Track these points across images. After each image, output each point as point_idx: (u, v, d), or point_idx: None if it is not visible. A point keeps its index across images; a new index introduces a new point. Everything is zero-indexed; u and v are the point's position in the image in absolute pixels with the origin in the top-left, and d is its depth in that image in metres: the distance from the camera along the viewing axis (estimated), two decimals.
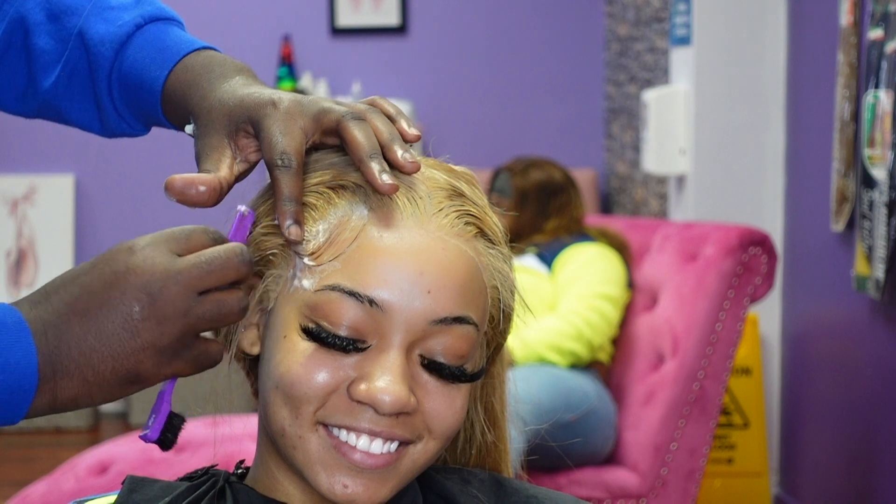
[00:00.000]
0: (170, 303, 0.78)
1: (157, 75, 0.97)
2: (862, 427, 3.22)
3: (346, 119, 0.86)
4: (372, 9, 5.40)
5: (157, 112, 0.98)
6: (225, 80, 0.93)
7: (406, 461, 0.86)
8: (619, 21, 5.18)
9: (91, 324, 0.77)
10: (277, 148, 0.85)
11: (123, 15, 1.00)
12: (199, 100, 0.93)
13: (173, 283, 0.78)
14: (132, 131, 1.03)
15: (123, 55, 0.99)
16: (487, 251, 0.90)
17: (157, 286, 0.78)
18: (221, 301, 0.80)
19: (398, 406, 0.83)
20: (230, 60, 0.96)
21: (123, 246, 0.79)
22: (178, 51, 0.97)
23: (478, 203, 0.90)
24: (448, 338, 0.86)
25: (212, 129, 0.90)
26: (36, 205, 5.30)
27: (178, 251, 0.80)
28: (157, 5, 1.02)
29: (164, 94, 0.97)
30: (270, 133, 0.86)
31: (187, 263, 0.79)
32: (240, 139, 0.89)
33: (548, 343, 3.08)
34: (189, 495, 0.89)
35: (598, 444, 3.06)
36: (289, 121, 0.87)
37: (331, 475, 0.84)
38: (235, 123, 0.89)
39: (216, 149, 0.89)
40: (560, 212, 3.39)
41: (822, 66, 3.45)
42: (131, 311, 0.77)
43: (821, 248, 3.47)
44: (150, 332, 0.78)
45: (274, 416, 0.86)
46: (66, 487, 2.72)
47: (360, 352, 0.84)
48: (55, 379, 0.77)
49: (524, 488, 0.95)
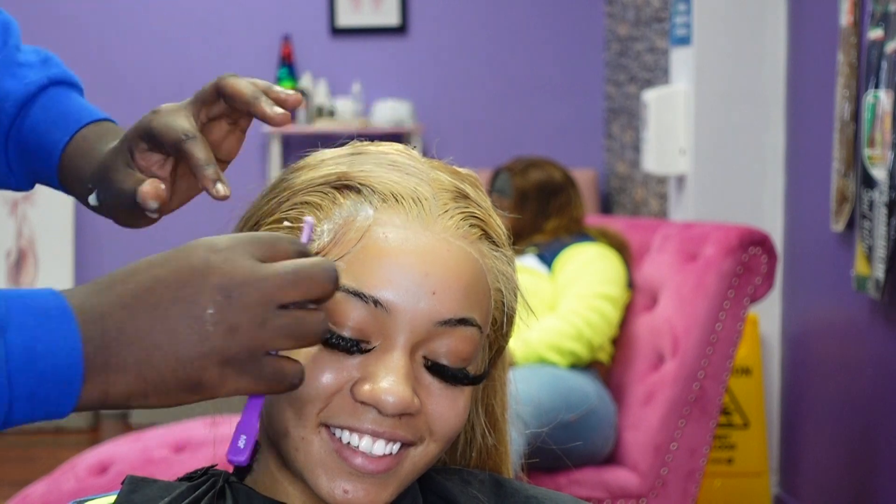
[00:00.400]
0: (246, 310, 0.72)
1: (57, 139, 0.99)
2: (862, 427, 3.22)
3: (222, 78, 0.91)
4: (372, 9, 5.40)
5: (51, 174, 1.00)
6: (112, 142, 0.96)
7: (407, 464, 0.86)
8: (619, 21, 5.18)
9: (158, 319, 0.72)
10: (176, 129, 0.89)
11: (30, 73, 1.02)
12: (91, 167, 0.95)
13: (254, 290, 0.72)
14: (18, 186, 1.05)
15: (25, 113, 1.01)
16: (492, 253, 0.90)
17: (235, 290, 0.72)
18: (301, 319, 0.74)
19: (402, 407, 0.83)
20: (122, 130, 0.99)
21: (203, 242, 0.74)
22: (78, 119, 1.00)
23: (482, 205, 0.91)
24: (452, 339, 0.86)
25: (112, 173, 0.92)
26: (36, 205, 5.30)
27: (261, 257, 0.74)
28: (62, 69, 1.04)
29: (61, 160, 0.98)
30: (163, 126, 0.89)
31: (272, 271, 0.73)
32: (138, 161, 0.92)
33: (548, 343, 3.08)
34: (189, 495, 0.89)
35: (598, 444, 3.06)
36: (173, 112, 0.91)
37: (331, 479, 0.84)
38: (128, 149, 0.92)
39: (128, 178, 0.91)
40: (560, 212, 3.39)
41: (822, 66, 3.45)
42: (203, 313, 0.72)
43: (821, 248, 3.47)
44: (220, 339, 0.72)
45: (277, 417, 0.86)
46: (66, 487, 2.72)
47: (364, 353, 0.84)
48: (108, 372, 0.72)
49: (524, 489, 0.95)
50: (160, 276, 0.73)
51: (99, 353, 0.72)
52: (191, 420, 2.90)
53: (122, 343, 0.72)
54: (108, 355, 0.72)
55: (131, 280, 0.73)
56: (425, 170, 0.90)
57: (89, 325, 0.72)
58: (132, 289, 0.73)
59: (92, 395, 0.72)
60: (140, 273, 0.73)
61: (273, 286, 0.73)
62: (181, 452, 2.76)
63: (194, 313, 0.72)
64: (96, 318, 0.72)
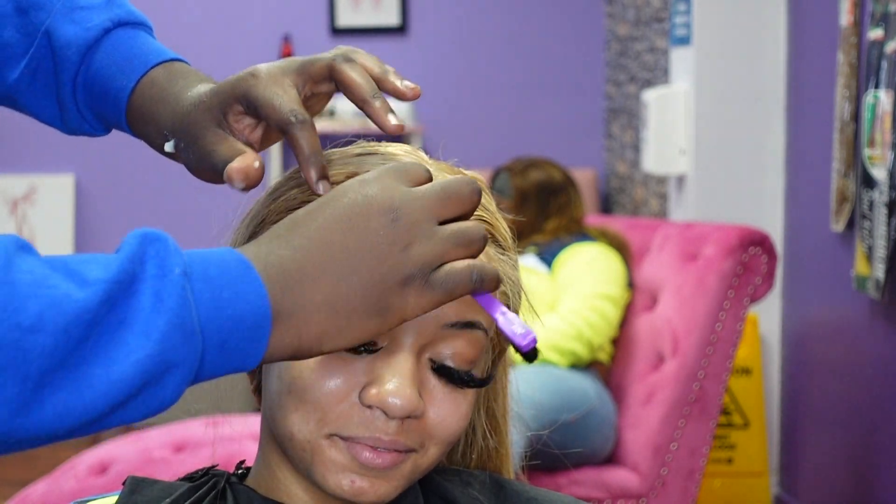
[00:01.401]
0: (413, 227, 0.75)
1: (122, 86, 0.95)
2: (862, 427, 3.22)
3: (337, 62, 0.87)
4: (372, 9, 5.40)
5: (121, 120, 0.96)
6: (189, 89, 0.92)
7: (409, 464, 0.86)
8: (619, 21, 5.18)
9: (336, 253, 0.73)
10: (285, 107, 0.84)
11: (93, 16, 0.98)
12: (171, 115, 0.91)
13: (415, 209, 0.75)
14: (93, 132, 1.01)
15: (90, 59, 0.97)
16: (499, 257, 0.90)
17: (399, 211, 0.75)
18: (464, 227, 0.77)
19: (408, 409, 0.83)
20: (194, 72, 0.95)
21: (353, 181, 0.77)
22: (145, 61, 0.95)
23: (489, 208, 0.91)
24: (458, 342, 0.86)
25: (199, 129, 0.88)
26: (36, 205, 5.30)
27: (407, 183, 0.77)
28: (127, 8, 1.00)
29: (130, 105, 0.95)
30: (268, 97, 0.85)
31: (424, 190, 0.77)
32: (231, 123, 0.88)
33: (548, 343, 3.08)
34: (190, 496, 0.89)
35: (598, 444, 3.06)
36: (278, 82, 0.86)
37: (339, 471, 0.84)
38: (220, 110, 0.88)
39: (218, 141, 0.87)
40: (560, 212, 3.39)
41: (822, 66, 3.45)
42: (377, 237, 0.74)
43: (821, 248, 3.47)
44: (397, 258, 0.74)
45: (284, 421, 0.85)
46: (66, 487, 2.72)
47: (371, 353, 0.84)
48: (299, 313, 0.72)
49: (525, 490, 0.95)
50: (325, 217, 0.75)
51: (286, 295, 0.72)
52: (191, 420, 2.90)
53: (307, 283, 0.73)
54: (294, 297, 0.72)
55: (296, 229, 0.75)
56: (433, 171, 0.90)
57: (270, 271, 0.72)
58: (301, 233, 0.74)
59: (284, 340, 0.73)
60: (302, 221, 0.75)
61: (430, 203, 0.76)
62: (181, 452, 2.76)
63: (368, 240, 0.74)
64: (274, 264, 0.73)
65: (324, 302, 0.73)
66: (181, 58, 0.98)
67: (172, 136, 0.91)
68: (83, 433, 0.68)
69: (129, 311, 0.67)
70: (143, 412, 0.69)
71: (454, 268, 0.76)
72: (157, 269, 0.68)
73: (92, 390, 0.66)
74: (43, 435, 0.66)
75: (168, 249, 0.69)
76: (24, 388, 0.64)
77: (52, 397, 0.65)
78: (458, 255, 0.76)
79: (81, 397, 0.66)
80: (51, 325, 0.65)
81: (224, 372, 0.72)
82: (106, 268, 0.67)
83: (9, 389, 0.64)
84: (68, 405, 0.66)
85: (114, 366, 0.66)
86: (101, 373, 0.66)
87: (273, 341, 0.72)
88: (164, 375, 0.68)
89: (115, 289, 0.67)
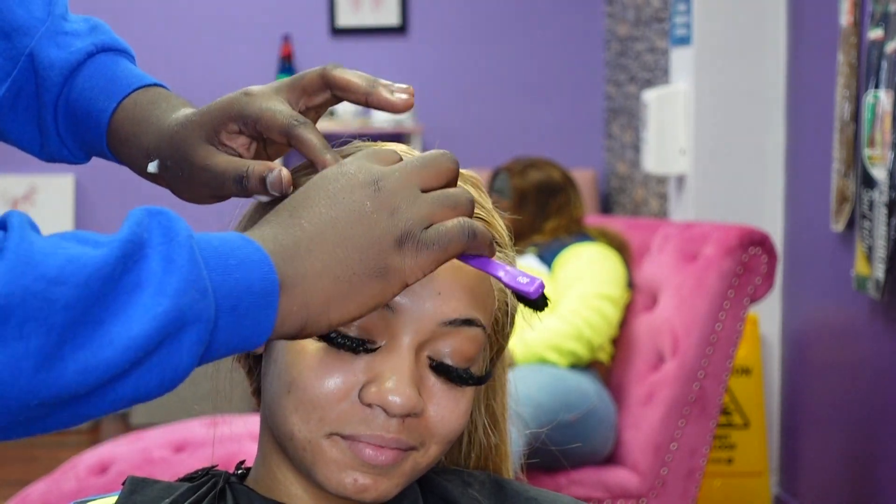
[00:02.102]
0: (397, 192, 0.77)
1: (103, 107, 0.96)
2: (862, 427, 3.22)
3: (328, 69, 0.89)
4: (372, 9, 5.40)
5: (101, 143, 0.97)
6: (173, 112, 0.93)
7: (409, 462, 0.86)
8: (619, 21, 5.18)
9: (327, 224, 0.76)
10: (284, 115, 0.86)
11: (76, 42, 0.99)
12: (156, 134, 0.92)
13: (395, 177, 0.78)
14: (73, 159, 1.02)
15: (72, 83, 0.98)
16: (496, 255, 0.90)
17: (380, 181, 0.77)
18: (448, 191, 0.79)
19: (408, 408, 0.83)
20: (175, 96, 0.96)
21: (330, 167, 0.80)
22: (126, 84, 0.96)
23: (486, 207, 0.91)
24: (456, 340, 0.86)
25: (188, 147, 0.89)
26: (36, 205, 5.30)
27: (381, 164, 0.80)
28: (111, 35, 1.01)
29: (111, 127, 0.96)
30: (265, 110, 0.86)
31: (402, 162, 0.80)
32: (223, 142, 0.89)
33: (548, 343, 3.08)
34: (190, 496, 0.89)
35: (598, 444, 3.06)
36: (271, 98, 0.88)
37: (341, 470, 0.85)
38: (212, 128, 0.88)
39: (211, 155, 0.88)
40: (559, 212, 3.39)
41: (822, 66, 3.46)
42: (363, 206, 0.76)
43: (821, 248, 3.47)
44: (386, 221, 0.76)
45: (285, 421, 0.85)
46: (66, 487, 2.72)
47: (370, 352, 0.84)
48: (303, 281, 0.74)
49: (524, 490, 0.95)
50: (309, 198, 0.77)
51: (287, 265, 0.74)
52: (191, 420, 2.90)
53: (303, 254, 0.75)
54: (295, 266, 0.74)
55: (283, 212, 0.77)
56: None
57: (267, 245, 0.74)
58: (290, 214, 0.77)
59: (292, 308, 0.74)
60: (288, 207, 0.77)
61: (409, 172, 0.78)
62: (181, 452, 2.76)
63: (356, 208, 0.76)
64: (269, 239, 0.75)
65: (324, 268, 0.75)
66: (163, 84, 0.98)
67: (157, 156, 0.92)
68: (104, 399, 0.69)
69: (142, 275, 0.69)
70: (160, 375, 0.69)
71: (445, 225, 0.78)
72: (163, 236, 0.70)
73: (111, 347, 0.67)
74: (65, 394, 0.66)
75: (171, 218, 0.72)
76: (48, 341, 0.65)
77: (74, 354, 0.66)
78: (446, 215, 0.78)
79: (102, 353, 0.67)
80: (73, 278, 0.66)
81: (238, 341, 0.72)
82: (115, 235, 0.70)
83: (33, 341, 0.65)
84: (89, 362, 0.66)
85: (131, 322, 0.68)
86: (120, 330, 0.67)
87: (281, 310, 0.74)
88: (182, 331, 0.69)
89: (129, 248, 0.69)
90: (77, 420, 0.69)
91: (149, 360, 0.68)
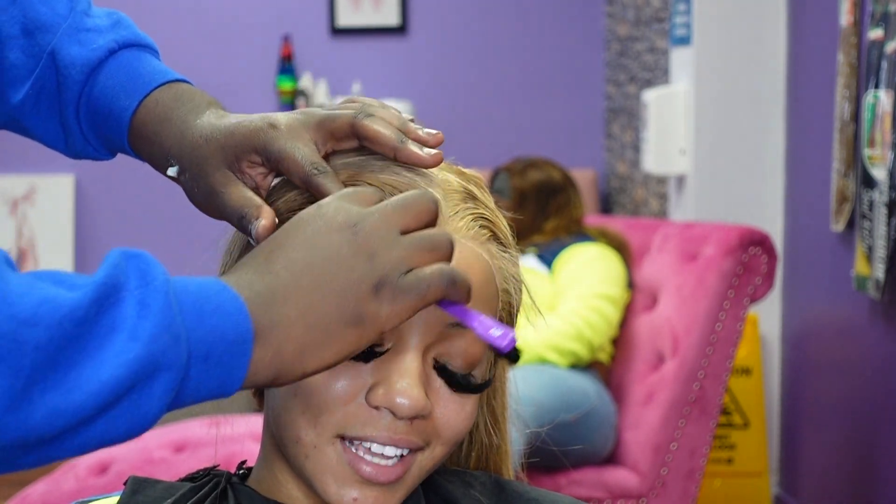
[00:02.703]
0: (374, 235, 0.75)
1: (125, 105, 0.95)
2: (862, 427, 3.22)
3: (360, 119, 0.87)
4: (372, 9, 5.40)
5: (123, 141, 0.96)
6: (197, 115, 0.92)
7: (414, 469, 0.86)
8: (619, 21, 5.18)
9: (304, 270, 0.74)
10: (306, 160, 0.85)
11: (98, 38, 0.98)
12: (177, 137, 0.91)
13: (373, 219, 0.76)
14: (97, 155, 1.01)
15: (94, 80, 0.97)
16: (500, 254, 0.90)
17: (358, 224, 0.76)
18: (427, 234, 0.77)
19: (416, 410, 0.83)
20: (199, 93, 0.95)
21: (310, 208, 0.78)
22: (149, 81, 0.95)
23: (489, 206, 0.91)
24: (463, 341, 0.86)
25: (208, 167, 0.89)
26: (36, 205, 5.30)
27: (359, 204, 0.78)
28: (133, 31, 0.99)
29: (133, 125, 0.95)
30: (289, 151, 0.86)
31: (381, 204, 0.78)
32: (244, 170, 0.88)
33: (548, 343, 3.08)
34: (191, 497, 0.89)
35: (598, 444, 3.06)
36: (297, 136, 0.87)
37: (341, 486, 0.84)
38: (234, 155, 0.88)
39: (227, 183, 0.88)
40: (559, 212, 3.39)
41: (822, 66, 3.46)
42: (340, 250, 0.75)
43: (821, 248, 3.47)
44: (363, 266, 0.75)
45: (290, 424, 0.85)
46: (66, 487, 2.72)
47: (378, 356, 0.84)
48: (277, 329, 0.73)
49: (526, 491, 0.95)
50: (287, 243, 0.76)
51: (262, 313, 0.73)
52: (191, 420, 2.90)
53: (278, 300, 0.74)
54: (271, 314, 0.73)
55: (259, 256, 0.76)
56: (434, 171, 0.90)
57: (244, 291, 0.73)
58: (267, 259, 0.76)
59: (265, 358, 0.73)
60: (265, 250, 0.76)
61: (388, 214, 0.77)
62: (181, 452, 2.76)
63: (332, 253, 0.75)
64: (245, 286, 0.74)
65: (299, 316, 0.74)
66: (186, 79, 0.97)
67: (177, 162, 0.91)
68: (72, 443, 0.68)
69: (117, 319, 0.68)
70: (129, 421, 0.69)
71: (424, 271, 0.76)
72: (139, 280, 0.69)
73: (81, 391, 0.66)
74: (33, 438, 0.66)
75: (148, 262, 0.70)
76: (16, 381, 0.64)
77: (43, 397, 0.65)
78: (424, 259, 0.76)
79: (72, 397, 0.66)
80: (46, 319, 0.65)
81: (207, 390, 0.72)
82: (91, 277, 0.68)
83: (2, 381, 0.64)
84: (58, 405, 0.66)
85: (103, 367, 0.67)
86: (91, 374, 0.66)
87: (255, 359, 0.72)
88: (152, 378, 0.68)
89: (103, 291, 0.68)
90: (42, 462, 0.68)
91: (118, 405, 0.68)
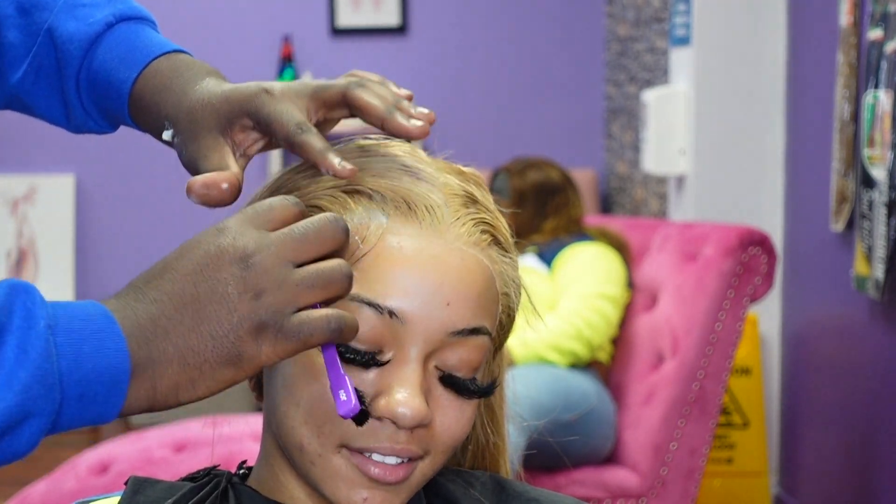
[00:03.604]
0: (265, 273, 0.74)
1: (125, 77, 0.95)
2: (862, 427, 3.22)
3: (351, 88, 0.87)
4: (372, 9, 5.40)
5: (123, 113, 0.96)
6: (196, 83, 0.92)
7: (416, 474, 0.86)
8: (619, 21, 5.18)
9: (187, 306, 0.74)
10: (291, 121, 0.85)
11: (95, 13, 0.98)
12: (175, 104, 0.91)
13: (267, 254, 0.75)
14: (99, 129, 1.02)
15: (92, 55, 0.97)
16: (501, 259, 0.90)
17: (250, 259, 0.74)
18: (321, 268, 0.76)
19: (418, 419, 0.83)
20: (199, 63, 0.95)
21: (210, 229, 0.77)
22: (147, 53, 0.95)
23: (490, 208, 0.91)
24: (464, 349, 0.86)
25: (201, 129, 0.89)
26: (36, 205, 5.30)
27: (266, 227, 0.77)
28: (130, 4, 1.00)
29: (132, 96, 0.95)
30: (277, 114, 0.86)
31: (279, 234, 0.76)
32: (235, 134, 0.88)
33: (547, 343, 3.08)
34: (192, 497, 0.89)
35: (598, 444, 3.06)
36: (289, 102, 0.87)
37: (350, 488, 0.84)
38: (227, 119, 0.88)
39: (214, 147, 0.88)
40: (558, 212, 3.39)
41: (822, 66, 3.46)
42: (227, 289, 0.74)
43: (821, 248, 3.47)
44: (247, 306, 0.74)
45: (292, 432, 0.85)
46: (67, 487, 2.72)
47: (380, 366, 0.84)
48: (153, 366, 0.73)
49: (526, 491, 0.95)
50: (178, 269, 0.75)
51: (142, 349, 0.73)
52: (191, 420, 2.90)
53: (160, 336, 0.74)
54: (149, 350, 0.73)
55: (153, 281, 0.76)
56: (434, 174, 0.90)
57: (126, 324, 0.73)
58: (157, 286, 0.75)
59: (140, 393, 0.74)
60: (159, 273, 0.76)
61: (284, 246, 0.75)
62: (181, 452, 2.76)
63: (219, 290, 0.74)
64: (131, 317, 0.74)
65: (175, 354, 0.74)
66: (185, 49, 0.97)
67: (172, 126, 0.92)
68: None
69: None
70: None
71: (310, 316, 0.75)
72: (24, 321, 0.70)
73: None
74: None
75: (35, 301, 0.71)
76: None
77: None
78: (312, 298, 0.75)
79: None
80: None
81: (81, 422, 0.73)
82: None
83: None
84: None
85: None
86: None
87: (130, 394, 0.74)
88: (22, 425, 0.70)
89: None
90: None
91: None
